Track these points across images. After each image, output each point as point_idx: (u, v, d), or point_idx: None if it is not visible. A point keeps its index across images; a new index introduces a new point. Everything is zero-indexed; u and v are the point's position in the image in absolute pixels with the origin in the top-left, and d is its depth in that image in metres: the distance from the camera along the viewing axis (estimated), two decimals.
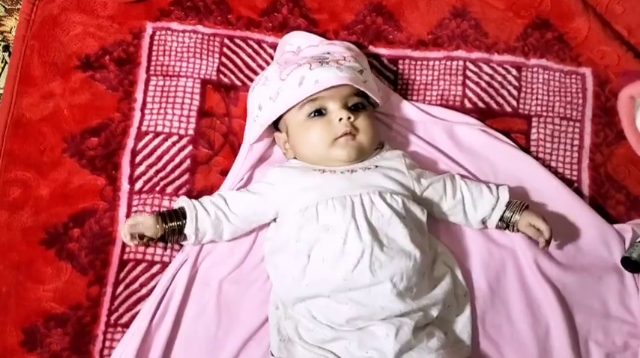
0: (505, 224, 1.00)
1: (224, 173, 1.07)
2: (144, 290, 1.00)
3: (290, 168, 1.00)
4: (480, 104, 1.14)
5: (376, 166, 0.99)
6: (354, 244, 0.89)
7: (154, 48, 1.13)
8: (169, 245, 1.02)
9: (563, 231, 1.04)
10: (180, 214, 0.97)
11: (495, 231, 1.03)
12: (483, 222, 1.01)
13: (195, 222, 0.96)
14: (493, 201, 1.00)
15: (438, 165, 1.07)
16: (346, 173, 0.97)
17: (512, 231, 1.01)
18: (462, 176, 1.04)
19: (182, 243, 1.00)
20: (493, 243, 1.03)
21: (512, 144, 1.10)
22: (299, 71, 0.98)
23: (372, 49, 1.16)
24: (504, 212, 1.00)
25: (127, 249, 1.02)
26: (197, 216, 0.96)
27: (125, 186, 1.05)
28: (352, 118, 0.97)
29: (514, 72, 1.15)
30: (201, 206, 0.97)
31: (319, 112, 0.98)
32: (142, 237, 0.97)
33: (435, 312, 0.91)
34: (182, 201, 0.99)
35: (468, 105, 1.13)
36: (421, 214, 0.96)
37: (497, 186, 1.02)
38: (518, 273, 1.01)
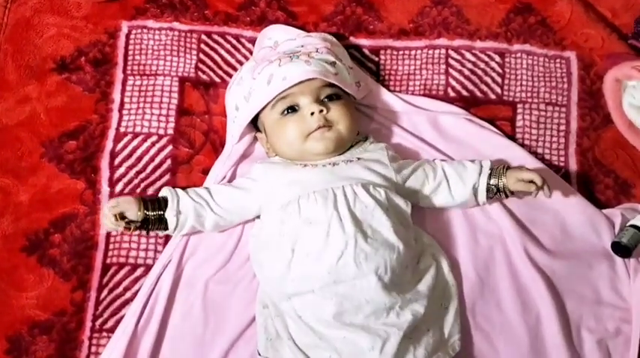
0: (495, 191, 0.99)
1: (206, 172, 1.05)
2: (128, 294, 0.98)
3: (272, 163, 0.99)
4: (464, 92, 1.12)
5: (358, 159, 0.97)
6: (337, 236, 0.88)
7: (130, 47, 1.12)
8: (152, 246, 1.00)
9: (551, 217, 1.02)
10: (162, 202, 0.96)
11: (482, 219, 1.02)
12: (474, 192, 0.99)
13: (177, 205, 0.95)
14: (477, 168, 0.99)
15: (422, 156, 1.06)
16: (328, 166, 0.96)
17: (506, 196, 1.00)
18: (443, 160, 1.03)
19: (163, 232, 0.98)
20: (480, 231, 1.02)
21: (498, 132, 1.09)
22: (269, 69, 0.97)
23: (352, 40, 1.15)
24: (489, 179, 0.98)
25: (110, 253, 1.01)
26: (179, 200, 0.95)
27: (105, 189, 1.04)
28: (325, 111, 0.95)
29: (497, 58, 1.14)
30: (184, 192, 0.97)
31: (292, 109, 0.97)
32: (122, 217, 0.94)
33: (421, 308, 0.90)
34: (165, 190, 0.97)
35: (452, 94, 1.12)
36: (405, 206, 0.95)
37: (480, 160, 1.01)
38: (507, 261, 1.00)
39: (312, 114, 0.95)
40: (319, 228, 0.89)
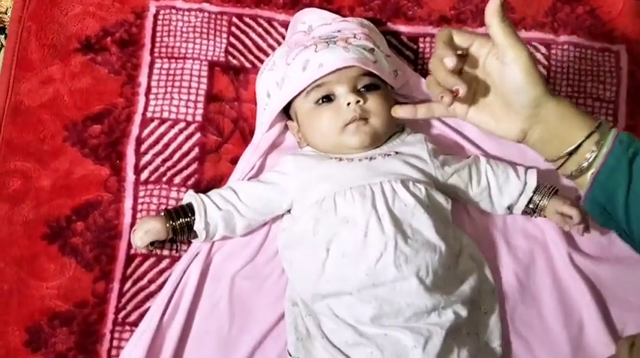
0: (532, 209, 0.95)
1: (234, 161, 1.00)
2: (153, 287, 0.94)
3: (304, 156, 0.94)
4: None
5: (396, 152, 0.92)
6: (376, 237, 0.83)
7: (158, 28, 1.06)
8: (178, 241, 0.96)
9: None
10: (187, 210, 0.92)
11: (524, 221, 0.97)
12: (509, 208, 0.95)
13: (204, 216, 0.90)
14: (520, 186, 0.94)
15: (462, 151, 1.00)
16: (364, 160, 0.91)
17: (539, 216, 0.95)
18: (486, 158, 0.98)
19: (192, 240, 0.94)
20: (522, 233, 0.97)
21: None
22: (304, 54, 0.92)
23: (390, 26, 1.09)
24: (532, 197, 0.94)
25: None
26: (206, 210, 0.91)
27: (130, 176, 0.99)
28: (362, 101, 0.90)
29: (543, 49, 1.08)
30: (210, 200, 0.92)
31: (327, 98, 0.91)
32: (152, 243, 0.92)
33: (463, 312, 0.85)
34: (189, 197, 0.93)
35: None
36: (445, 203, 0.90)
37: (526, 169, 0.96)
38: (549, 266, 0.95)
39: (349, 104, 0.90)
40: (356, 227, 0.84)
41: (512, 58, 0.71)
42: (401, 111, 0.80)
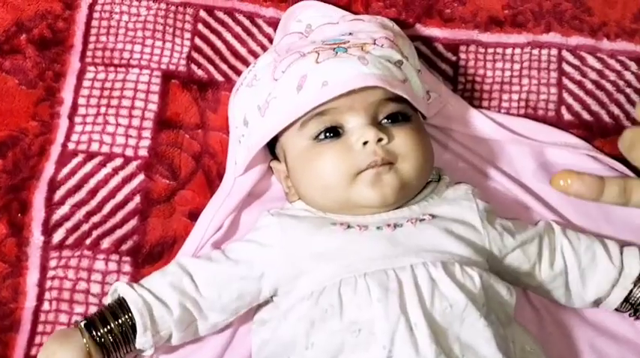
0: (631, 305, 0.66)
1: (193, 217, 0.71)
2: None
3: (293, 218, 0.63)
4: (585, 115, 0.77)
5: (432, 216, 0.62)
6: None
7: (94, 23, 0.78)
8: None
9: None
10: (118, 309, 0.60)
11: (612, 317, 0.68)
12: (596, 303, 0.66)
13: (150, 326, 0.59)
14: (614, 274, 0.65)
15: (524, 211, 0.71)
16: (385, 229, 0.60)
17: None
18: (562, 225, 0.69)
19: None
20: (608, 334, 0.68)
21: (635, 177, 0.73)
22: (300, 66, 0.63)
23: (420, 28, 0.81)
24: (632, 290, 0.65)
25: (38, 339, 0.66)
26: (153, 316, 0.60)
27: (37, 237, 0.69)
28: (385, 140, 0.60)
29: (633, 67, 0.79)
30: (154, 298, 0.60)
31: (333, 131, 0.62)
32: None
33: None
34: (121, 290, 0.61)
35: (567, 115, 0.77)
36: (508, 296, 0.61)
37: (621, 247, 0.67)
38: None
39: (366, 143, 0.60)
40: (374, 343, 0.54)
41: None
42: (577, 186, 0.47)
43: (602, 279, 0.65)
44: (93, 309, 0.67)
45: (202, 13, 0.79)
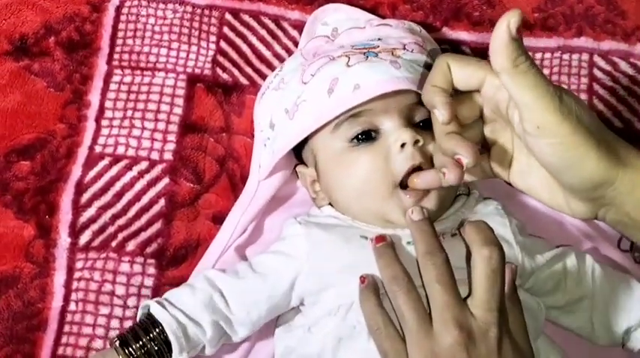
0: None
1: (218, 220, 0.70)
2: None
3: (321, 228, 0.62)
4: (617, 122, 0.75)
5: None
6: None
7: (121, 26, 0.78)
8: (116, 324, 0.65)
9: None
10: (152, 327, 0.59)
11: None
12: (624, 338, 0.63)
13: (185, 346, 0.59)
14: None
15: (556, 228, 0.69)
16: None
17: None
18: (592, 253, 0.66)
19: None
20: None
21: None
22: (330, 69, 0.62)
23: (447, 32, 0.79)
24: None
25: (64, 339, 0.67)
26: (188, 335, 0.59)
27: (64, 239, 0.69)
28: (421, 141, 0.59)
29: None
30: (188, 318, 0.59)
31: (367, 135, 0.60)
32: None
33: None
34: (154, 310, 0.60)
35: None
36: (538, 311, 0.60)
37: None
38: None
39: (403, 146, 0.59)
40: None
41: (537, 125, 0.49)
42: (420, 181, 0.57)
43: (637, 308, 0.62)
44: (117, 311, 0.67)
45: (228, 16, 0.78)
